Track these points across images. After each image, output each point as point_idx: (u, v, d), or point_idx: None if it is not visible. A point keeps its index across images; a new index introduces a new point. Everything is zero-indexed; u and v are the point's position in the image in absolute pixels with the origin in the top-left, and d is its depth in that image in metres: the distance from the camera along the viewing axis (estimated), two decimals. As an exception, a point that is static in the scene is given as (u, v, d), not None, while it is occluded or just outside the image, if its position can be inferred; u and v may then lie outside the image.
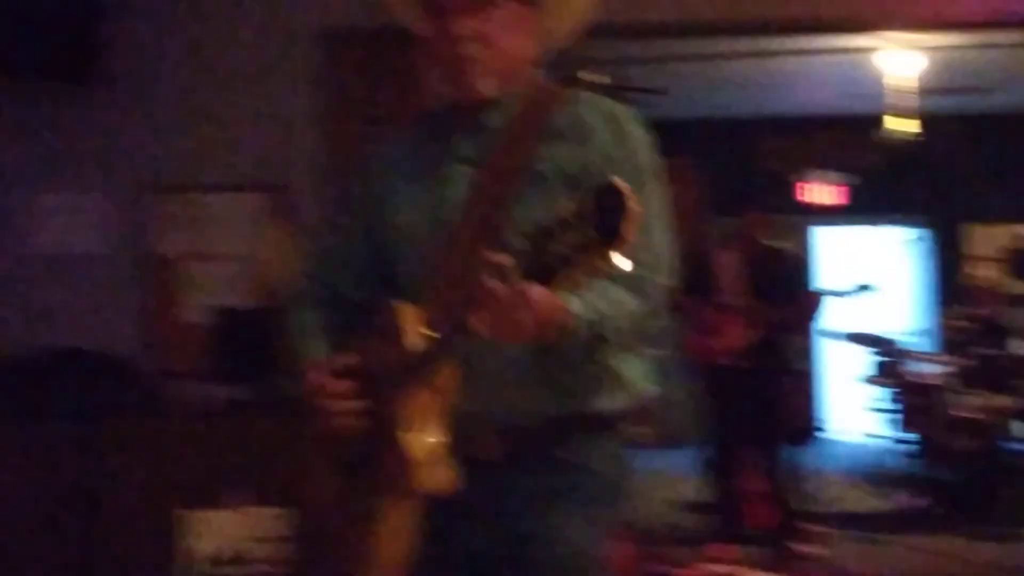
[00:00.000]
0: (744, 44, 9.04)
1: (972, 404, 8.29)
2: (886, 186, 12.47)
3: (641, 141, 2.59)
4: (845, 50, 9.30)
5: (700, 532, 7.41)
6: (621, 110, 2.58)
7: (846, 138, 12.56)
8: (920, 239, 13.03)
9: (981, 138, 12.29)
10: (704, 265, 7.15)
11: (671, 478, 8.32)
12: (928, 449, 8.33)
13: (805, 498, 7.77)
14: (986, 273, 10.11)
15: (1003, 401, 8.47)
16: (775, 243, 7.23)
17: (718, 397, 7.15)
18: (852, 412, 11.76)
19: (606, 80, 6.07)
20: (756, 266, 7.05)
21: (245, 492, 5.17)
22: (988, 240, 12.40)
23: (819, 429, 8.80)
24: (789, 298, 6.99)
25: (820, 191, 12.65)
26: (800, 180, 12.62)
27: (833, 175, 12.65)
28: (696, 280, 7.19)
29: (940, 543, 7.34)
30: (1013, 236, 10.54)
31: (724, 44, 8.98)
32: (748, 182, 7.35)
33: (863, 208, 12.68)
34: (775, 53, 9.48)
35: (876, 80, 9.79)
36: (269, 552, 5.20)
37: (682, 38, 8.59)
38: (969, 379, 8.47)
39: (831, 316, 7.33)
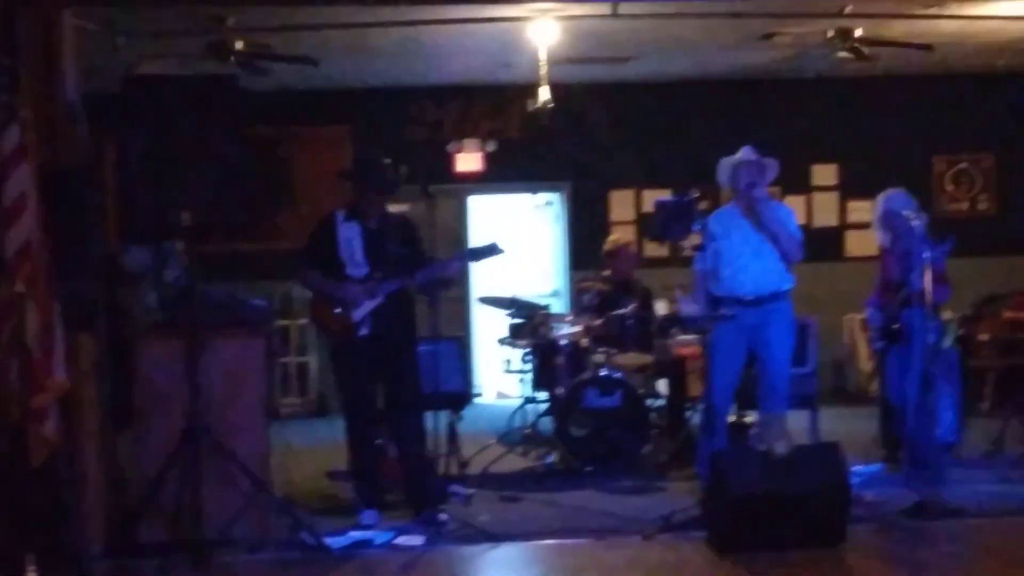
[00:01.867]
0: (395, 13, 9.09)
1: (613, 362, 8.64)
2: (528, 153, 12.83)
3: None
4: (493, 20, 9.46)
5: (349, 500, 7.48)
6: None
7: (493, 106, 12.86)
8: (558, 203, 13.41)
9: (617, 106, 12.82)
10: (328, 238, 7.16)
11: (321, 447, 8.34)
12: (563, 407, 8.58)
13: (445, 461, 7.95)
14: (622, 236, 10.39)
15: (643, 359, 8.87)
16: (396, 212, 7.26)
17: (347, 366, 7.18)
18: (493, 374, 12.06)
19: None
20: (376, 236, 7.08)
21: None
22: (624, 204, 12.97)
23: (467, 393, 8.91)
24: (407, 269, 7.04)
25: (470, 159, 12.88)
26: (452, 148, 12.81)
27: (481, 143, 12.90)
28: (320, 253, 7.20)
29: (577, 498, 7.65)
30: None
31: (374, 13, 8.99)
32: (371, 161, 7.30)
33: (506, 175, 12.99)
34: (426, 22, 9.57)
35: (523, 50, 10.04)
36: None
37: (333, 5, 8.59)
38: (606, 339, 8.79)
39: (470, 280, 7.41)
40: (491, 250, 7.16)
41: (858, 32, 9.53)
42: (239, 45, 9.38)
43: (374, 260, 7.04)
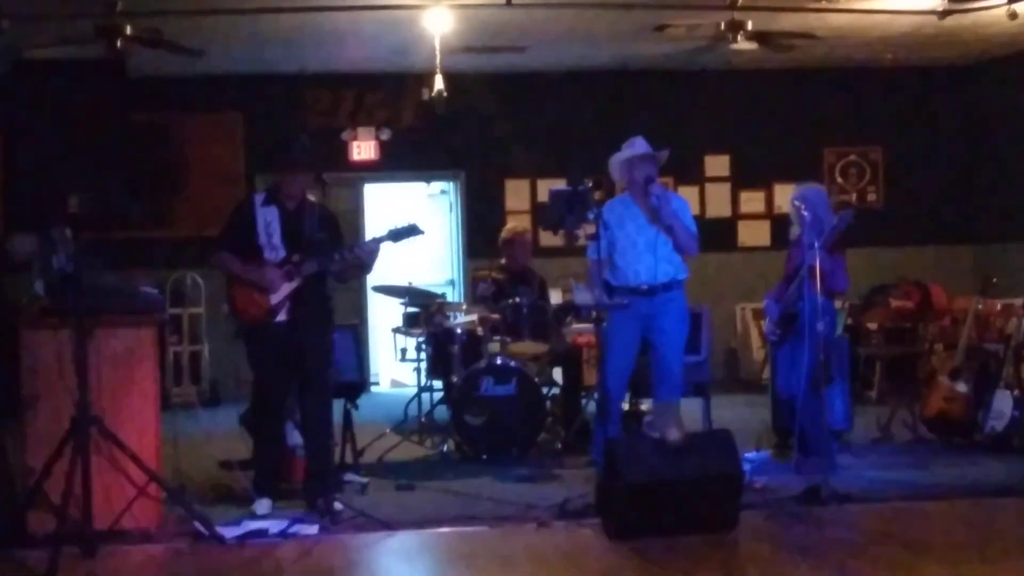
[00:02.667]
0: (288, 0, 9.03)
1: (509, 351, 8.66)
2: (423, 141, 12.81)
3: None
4: (387, 7, 9.42)
5: (243, 489, 7.41)
6: None
7: (388, 95, 12.81)
8: (452, 192, 13.41)
9: (513, 96, 12.84)
10: (246, 222, 7.05)
11: (214, 437, 8.23)
12: (459, 396, 8.57)
13: (340, 449, 7.91)
14: (518, 225, 10.41)
15: (538, 348, 8.89)
16: (310, 198, 7.19)
17: (261, 352, 7.09)
18: (388, 363, 12.02)
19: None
20: (295, 220, 7.00)
21: None
22: (519, 194, 13.00)
23: (363, 382, 8.85)
24: (326, 252, 6.97)
25: (364, 147, 12.82)
26: (347, 136, 12.74)
27: (376, 131, 12.85)
28: (238, 237, 7.12)
29: (473, 486, 7.65)
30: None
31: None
32: (293, 138, 7.22)
33: (401, 163, 12.95)
34: (321, 9, 9.50)
35: (419, 38, 10.01)
36: None
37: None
38: (502, 327, 8.81)
39: (371, 268, 7.32)
40: (412, 230, 7.13)
41: (749, 25, 9.64)
42: (128, 30, 9.21)
43: (292, 244, 6.96)
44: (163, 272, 11.88)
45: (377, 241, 7.17)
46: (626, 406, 8.51)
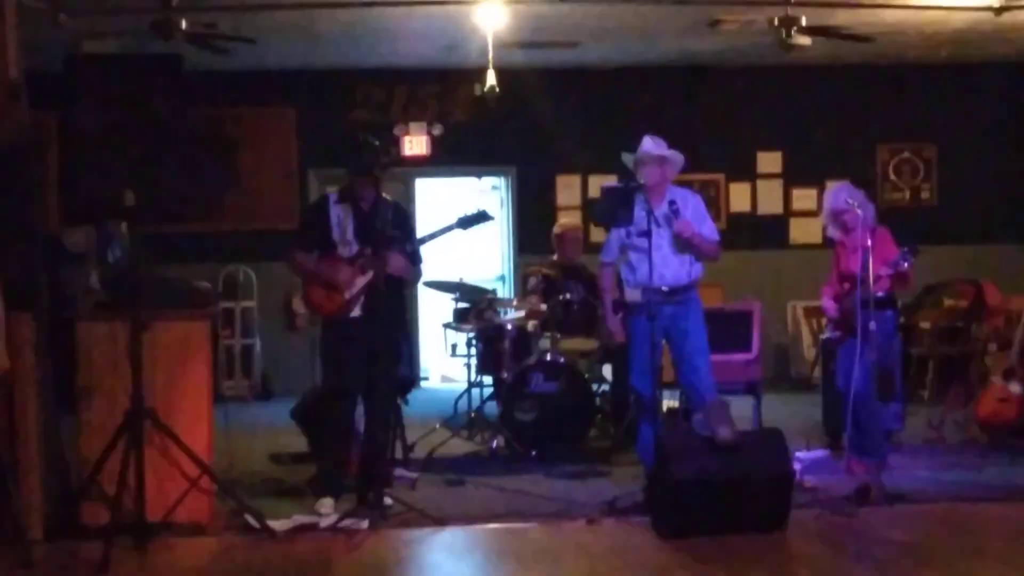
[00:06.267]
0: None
1: (559, 347, 8.65)
2: (475, 137, 12.82)
3: None
4: (441, 2, 9.43)
5: (296, 484, 7.45)
6: None
7: (441, 90, 12.83)
8: (503, 188, 13.41)
9: (565, 91, 12.82)
10: (320, 221, 7.11)
11: (266, 430, 8.28)
12: (508, 392, 8.58)
13: (396, 446, 7.93)
14: (570, 221, 10.41)
15: (588, 344, 8.88)
16: (384, 195, 7.22)
17: (337, 349, 7.11)
18: (438, 358, 12.04)
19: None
20: (364, 218, 7.03)
21: None
22: (570, 189, 12.99)
23: (413, 377, 8.88)
24: (395, 248, 6.98)
25: (416, 142, 12.85)
26: (399, 131, 12.77)
27: (428, 126, 12.87)
28: (311, 234, 7.18)
29: (522, 482, 7.65)
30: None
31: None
32: (349, 133, 7.27)
33: (452, 159, 12.97)
34: (375, 4, 9.52)
35: (471, 34, 10.02)
36: None
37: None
38: (552, 323, 8.80)
39: (426, 264, 7.35)
40: (481, 217, 7.16)
41: (803, 20, 9.57)
42: (184, 24, 9.28)
43: (365, 239, 7.01)
44: (216, 266, 11.97)
45: (449, 227, 7.19)
46: (674, 404, 8.47)
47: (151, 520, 6.15)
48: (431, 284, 9.57)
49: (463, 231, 7.20)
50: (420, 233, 7.27)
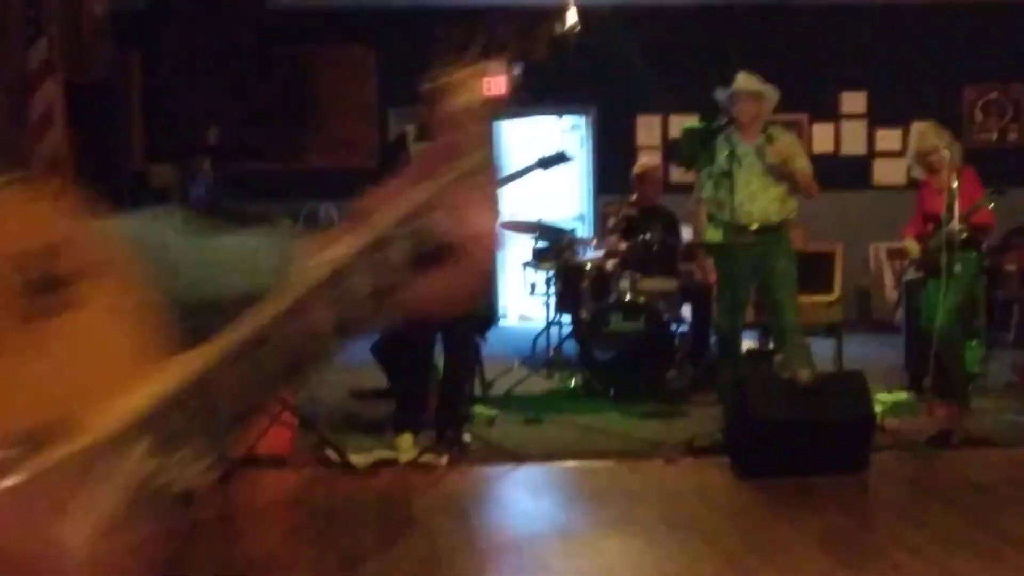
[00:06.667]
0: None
1: (639, 287, 8.63)
2: (555, 76, 12.71)
3: None
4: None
5: (377, 420, 7.52)
6: None
7: (520, 29, 12.75)
8: (583, 127, 13.34)
9: (646, 31, 12.70)
10: (401, 155, 7.09)
11: (347, 366, 8.32)
12: (587, 331, 8.58)
13: (473, 383, 7.97)
14: (651, 161, 10.35)
15: (668, 284, 8.86)
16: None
17: None
18: (517, 297, 12.07)
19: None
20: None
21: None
22: (651, 130, 12.90)
23: (492, 315, 8.91)
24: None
25: (495, 82, 12.76)
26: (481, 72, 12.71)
27: (507, 66, 12.80)
28: (390, 172, 7.17)
29: (600, 421, 7.66)
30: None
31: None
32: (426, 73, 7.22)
33: (532, 98, 12.88)
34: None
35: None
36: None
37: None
38: (632, 263, 8.78)
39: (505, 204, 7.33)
40: (560, 157, 7.12)
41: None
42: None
43: None
44: (298, 203, 12.04)
45: (526, 169, 7.16)
46: (756, 345, 8.44)
47: (233, 454, 6.24)
48: (510, 224, 9.57)
49: (543, 171, 7.16)
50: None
